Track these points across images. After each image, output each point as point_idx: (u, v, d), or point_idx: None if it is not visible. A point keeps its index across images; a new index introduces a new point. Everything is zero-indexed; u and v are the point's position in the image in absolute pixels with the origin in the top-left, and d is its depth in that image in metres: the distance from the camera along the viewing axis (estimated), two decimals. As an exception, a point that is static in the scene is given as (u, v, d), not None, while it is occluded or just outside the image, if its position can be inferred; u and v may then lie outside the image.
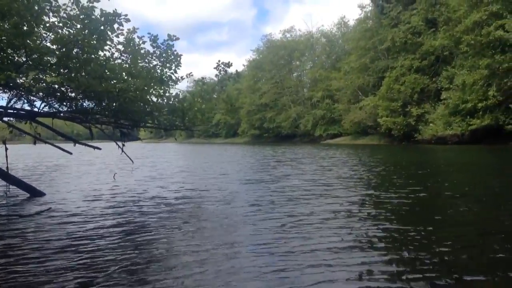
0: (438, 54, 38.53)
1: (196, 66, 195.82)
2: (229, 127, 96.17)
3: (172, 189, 9.34)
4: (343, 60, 57.61)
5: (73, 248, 4.41)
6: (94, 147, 9.34)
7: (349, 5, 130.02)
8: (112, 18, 6.62)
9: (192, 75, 9.38)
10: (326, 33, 71.42)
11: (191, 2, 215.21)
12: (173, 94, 9.05)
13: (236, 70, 9.25)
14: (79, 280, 3.48)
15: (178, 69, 8.43)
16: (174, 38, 8.41)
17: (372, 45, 46.36)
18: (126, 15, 6.80)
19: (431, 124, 36.18)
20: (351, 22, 65.00)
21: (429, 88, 39.49)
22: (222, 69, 9.38)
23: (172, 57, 8.37)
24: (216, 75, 9.56)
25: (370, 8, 50.14)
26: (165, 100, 8.84)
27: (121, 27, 7.00)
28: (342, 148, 33.21)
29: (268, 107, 77.39)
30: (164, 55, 8.31)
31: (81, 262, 3.94)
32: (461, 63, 33.52)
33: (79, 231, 5.21)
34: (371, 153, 24.39)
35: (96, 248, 4.43)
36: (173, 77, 8.60)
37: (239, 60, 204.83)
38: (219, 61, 9.34)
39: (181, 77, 8.89)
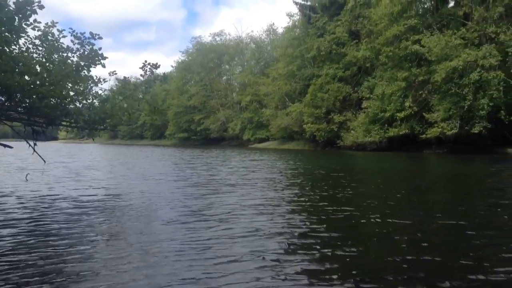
0: (360, 65, 40.37)
1: (122, 65, 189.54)
2: (156, 128, 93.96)
3: (80, 188, 9.16)
4: (271, 66, 58.57)
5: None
6: (5, 145, 8.61)
7: (278, 12, 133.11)
8: (24, 6, 6.10)
9: (116, 73, 8.92)
10: (256, 39, 72.37)
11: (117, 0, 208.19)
12: (94, 92, 8.63)
13: (164, 73, 8.79)
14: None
15: (94, 66, 7.99)
16: (97, 36, 8.03)
17: (299, 53, 47.55)
18: (39, 1, 6.29)
19: (352, 131, 37.83)
20: (280, 30, 66.40)
21: (351, 97, 41.29)
22: (148, 70, 9.04)
23: (93, 54, 7.96)
24: (142, 75, 9.18)
25: (298, 17, 51.45)
26: (85, 98, 8.38)
27: (37, 22, 6.54)
28: (263, 152, 33.98)
29: (197, 109, 76.69)
30: (86, 53, 7.88)
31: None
32: (380, 75, 35.41)
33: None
34: (290, 157, 25.44)
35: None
36: (94, 76, 8.20)
37: (167, 61, 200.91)
38: (145, 61, 8.99)
39: (104, 79, 8.50)
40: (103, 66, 8.28)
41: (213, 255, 4.10)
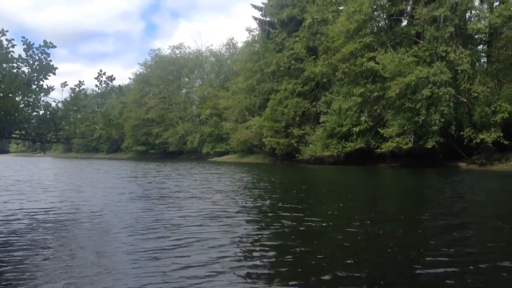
0: (318, 80, 41.15)
1: (78, 76, 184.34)
2: (112, 142, 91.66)
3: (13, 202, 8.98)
4: (231, 80, 58.75)
5: None
6: None
7: (237, 27, 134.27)
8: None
9: (67, 84, 8.56)
10: (215, 53, 72.44)
11: (74, 10, 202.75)
12: (45, 103, 8.26)
13: (119, 84, 8.61)
14: None
15: (48, 77, 7.66)
16: (50, 45, 7.72)
17: (259, 67, 47.92)
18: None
19: (310, 145, 38.33)
20: (240, 44, 66.84)
21: (309, 111, 41.95)
22: (103, 81, 8.75)
23: (44, 63, 7.63)
24: (96, 86, 8.87)
25: (257, 32, 51.97)
26: (35, 110, 8.00)
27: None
28: (222, 165, 33.99)
29: (155, 122, 75.56)
30: (37, 62, 7.54)
31: None
32: (337, 90, 36.19)
33: None
34: (248, 170, 25.74)
35: None
36: (45, 86, 7.85)
37: (125, 73, 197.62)
38: (100, 70, 8.67)
39: (52, 87, 8.15)
40: (54, 73, 7.98)
41: (164, 263, 4.24)
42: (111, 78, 8.72)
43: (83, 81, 8.52)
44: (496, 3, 29.73)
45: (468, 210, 8.95)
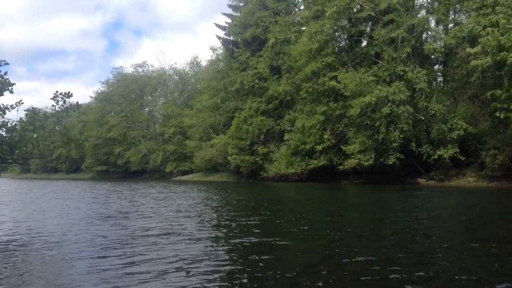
0: (282, 98, 41.64)
1: (37, 95, 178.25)
2: (72, 161, 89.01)
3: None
4: (195, 98, 58.51)
5: None
6: None
7: (201, 45, 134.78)
8: None
9: (22, 103, 8.30)
10: (179, 71, 72.08)
11: (32, 28, 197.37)
12: (0, 123, 7.98)
13: (77, 102, 8.40)
14: None
15: (4, 93, 7.42)
16: (3, 63, 7.55)
17: (223, 86, 48.04)
18: None
19: (275, 163, 38.52)
20: (204, 63, 66.83)
21: (274, 129, 42.28)
22: (60, 100, 8.59)
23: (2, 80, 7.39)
24: (53, 105, 8.68)
25: (221, 51, 52.27)
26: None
27: None
28: (185, 184, 33.67)
29: (117, 141, 73.81)
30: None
31: None
32: (301, 108, 36.71)
33: None
34: (212, 188, 25.67)
35: None
36: (1, 105, 7.62)
37: (86, 91, 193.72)
38: (56, 91, 8.55)
39: (11, 105, 7.89)
40: (11, 92, 7.76)
41: (118, 280, 4.34)
42: (68, 95, 8.56)
43: (45, 107, 8.32)
44: (451, 25, 31.22)
45: (414, 226, 9.16)
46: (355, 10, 32.99)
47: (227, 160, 44.65)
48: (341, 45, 36.54)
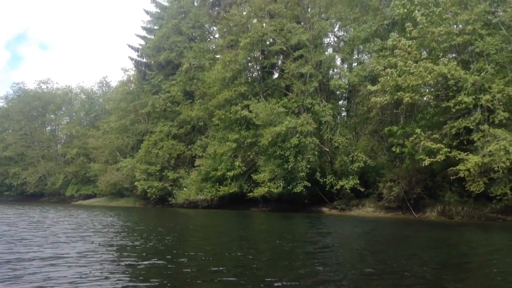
0: (194, 123, 41.58)
1: None
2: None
3: None
4: (102, 119, 56.23)
5: None
6: None
7: (112, 66, 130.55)
8: None
9: None
10: (86, 90, 68.81)
11: None
12: None
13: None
14: None
15: None
16: None
17: (133, 108, 46.80)
18: None
19: (184, 189, 37.97)
20: (114, 83, 64.75)
21: (185, 154, 41.86)
22: None
23: None
24: None
25: (133, 72, 51.08)
26: None
27: None
28: (86, 209, 32.09)
29: (13, 161, 67.91)
30: None
31: None
32: (213, 134, 36.93)
33: None
34: (115, 214, 24.75)
35: None
36: None
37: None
38: None
39: None
40: None
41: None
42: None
43: None
44: (355, 64, 33.73)
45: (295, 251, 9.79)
46: (267, 43, 34.33)
47: (133, 184, 43.12)
48: (254, 75, 37.62)
